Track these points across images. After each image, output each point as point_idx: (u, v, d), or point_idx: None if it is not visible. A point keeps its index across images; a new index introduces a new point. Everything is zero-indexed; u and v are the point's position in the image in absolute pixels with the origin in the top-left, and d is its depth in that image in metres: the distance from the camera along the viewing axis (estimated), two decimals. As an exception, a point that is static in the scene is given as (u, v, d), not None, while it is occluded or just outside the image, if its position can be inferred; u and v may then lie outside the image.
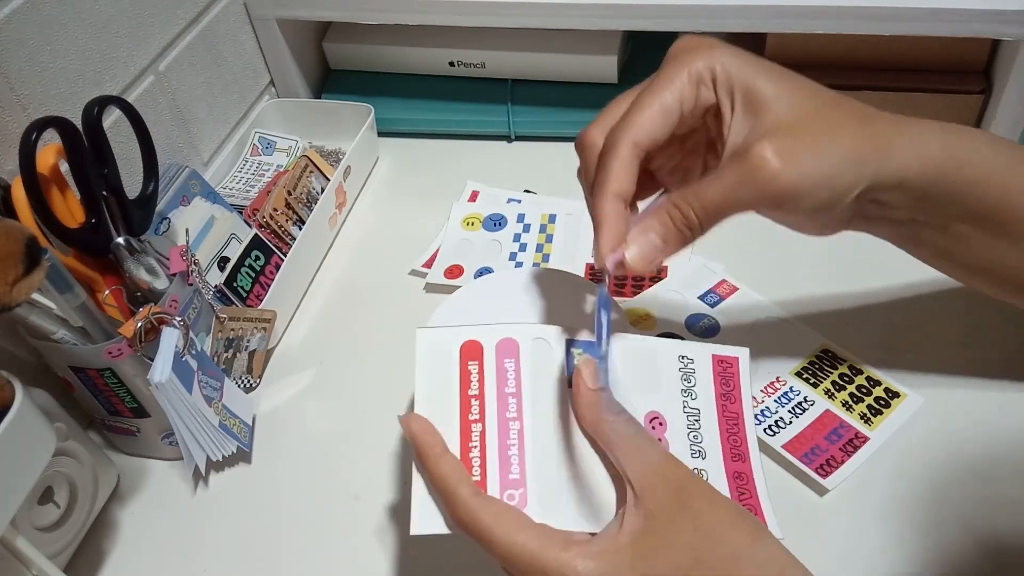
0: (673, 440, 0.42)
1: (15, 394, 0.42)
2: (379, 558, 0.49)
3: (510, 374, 0.42)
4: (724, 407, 0.44)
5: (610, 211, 0.38)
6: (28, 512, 0.45)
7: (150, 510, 0.54)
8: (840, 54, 0.67)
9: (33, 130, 0.46)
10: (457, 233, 0.67)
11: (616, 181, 0.38)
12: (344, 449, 0.55)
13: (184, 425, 0.51)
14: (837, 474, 0.48)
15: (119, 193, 0.51)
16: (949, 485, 0.48)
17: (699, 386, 0.44)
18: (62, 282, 0.46)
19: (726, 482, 0.41)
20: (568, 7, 0.65)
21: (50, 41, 0.53)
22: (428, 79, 0.78)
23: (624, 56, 0.75)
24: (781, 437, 0.50)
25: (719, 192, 0.37)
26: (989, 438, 0.50)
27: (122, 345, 0.49)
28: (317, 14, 0.72)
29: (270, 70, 0.77)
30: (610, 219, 0.38)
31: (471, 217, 0.69)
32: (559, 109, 0.75)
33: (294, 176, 0.68)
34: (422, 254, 0.67)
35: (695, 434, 0.42)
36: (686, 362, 0.44)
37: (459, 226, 0.68)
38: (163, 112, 0.64)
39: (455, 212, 0.69)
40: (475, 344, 0.43)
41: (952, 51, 0.65)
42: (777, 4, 0.62)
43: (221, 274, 0.61)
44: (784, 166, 0.36)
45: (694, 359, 0.44)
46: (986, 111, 0.66)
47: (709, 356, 0.44)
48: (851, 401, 0.52)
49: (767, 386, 0.53)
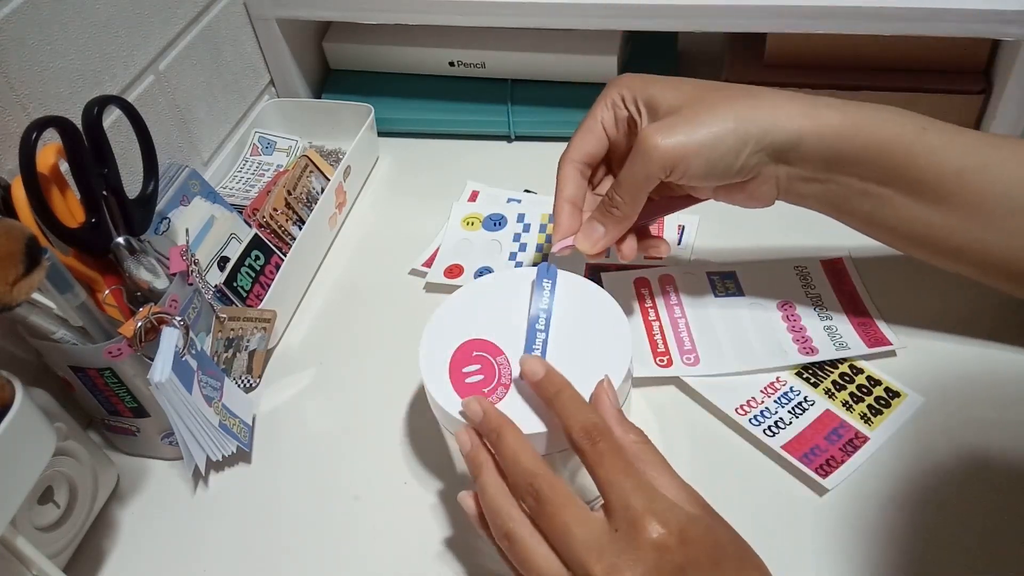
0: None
1: (15, 394, 0.42)
2: (379, 558, 0.49)
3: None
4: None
5: (560, 212, 0.50)
6: (28, 512, 0.45)
7: (150, 510, 0.54)
8: (840, 54, 0.67)
9: (33, 130, 0.46)
10: (457, 233, 0.67)
11: (564, 189, 0.50)
12: (344, 449, 0.55)
13: (184, 425, 0.51)
14: (837, 474, 0.48)
15: (119, 193, 0.51)
16: (949, 485, 0.48)
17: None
18: (62, 282, 0.46)
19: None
20: (568, 7, 0.65)
21: (50, 41, 0.53)
22: (428, 79, 0.78)
23: (624, 56, 0.75)
24: (780, 438, 0.50)
25: (626, 174, 0.47)
26: (990, 438, 0.50)
27: (122, 345, 0.49)
28: (317, 14, 0.72)
29: (270, 70, 0.77)
30: (561, 217, 0.50)
31: (471, 217, 0.69)
32: (559, 109, 0.75)
33: (294, 176, 0.68)
34: (422, 254, 0.67)
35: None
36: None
37: (459, 226, 0.68)
38: (163, 112, 0.64)
39: (455, 212, 0.69)
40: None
41: (952, 51, 0.65)
42: (777, 4, 0.62)
43: (221, 274, 0.61)
44: (664, 137, 0.45)
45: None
46: (986, 111, 0.66)
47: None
48: (851, 401, 0.52)
49: (767, 386, 0.53)
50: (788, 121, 0.45)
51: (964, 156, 0.44)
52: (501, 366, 0.45)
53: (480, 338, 0.47)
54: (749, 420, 0.51)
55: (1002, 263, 0.46)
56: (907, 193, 0.46)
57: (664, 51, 0.78)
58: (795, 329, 0.56)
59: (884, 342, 0.54)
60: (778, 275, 0.60)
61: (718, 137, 0.45)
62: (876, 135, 0.45)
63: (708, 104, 0.46)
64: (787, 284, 0.59)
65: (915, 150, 0.45)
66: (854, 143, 0.45)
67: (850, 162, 0.46)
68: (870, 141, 0.45)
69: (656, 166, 0.45)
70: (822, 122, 0.45)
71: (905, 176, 0.45)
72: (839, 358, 0.54)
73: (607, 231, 0.49)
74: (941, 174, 0.44)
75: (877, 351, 0.54)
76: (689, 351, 0.55)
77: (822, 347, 0.54)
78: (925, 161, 0.45)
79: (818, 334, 0.55)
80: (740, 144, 0.45)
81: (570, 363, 0.44)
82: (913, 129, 0.45)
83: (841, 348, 0.54)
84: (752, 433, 0.51)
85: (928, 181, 0.45)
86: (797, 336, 0.55)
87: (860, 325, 0.56)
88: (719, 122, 0.45)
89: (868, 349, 0.54)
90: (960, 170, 0.44)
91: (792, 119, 0.45)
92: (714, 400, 0.53)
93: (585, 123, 0.51)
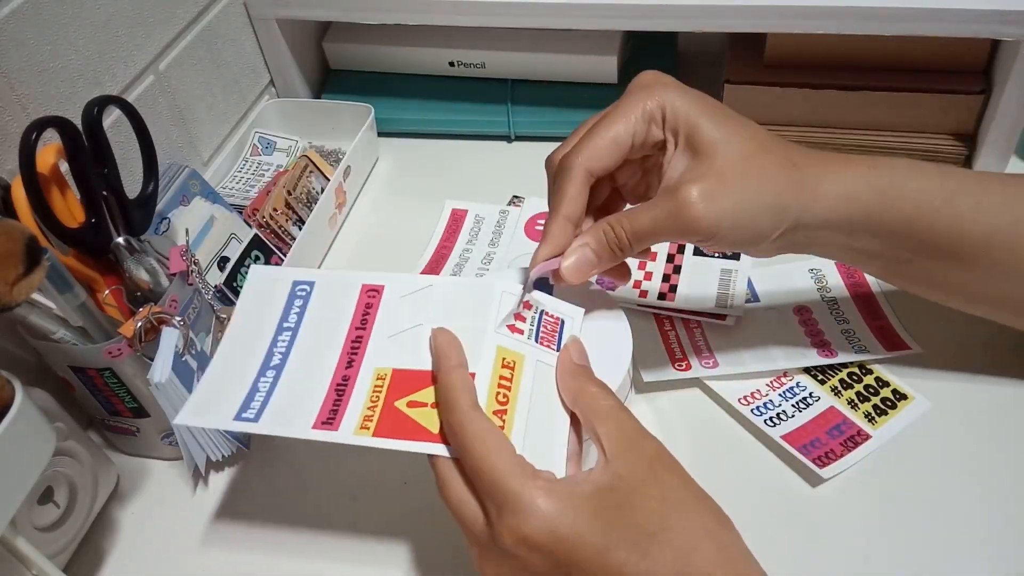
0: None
1: (15, 394, 0.42)
2: (378, 558, 0.49)
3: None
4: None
5: (555, 230, 0.43)
6: (28, 512, 0.45)
7: (150, 510, 0.54)
8: (840, 54, 0.67)
9: (33, 130, 0.46)
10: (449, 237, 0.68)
11: (568, 205, 0.43)
12: (343, 449, 0.55)
13: (184, 425, 0.50)
14: (835, 466, 0.48)
15: (119, 193, 0.51)
16: (947, 489, 0.48)
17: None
18: (62, 282, 0.46)
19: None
20: (568, 7, 0.65)
21: (50, 41, 0.53)
22: (428, 79, 0.78)
23: (624, 56, 0.75)
24: (781, 428, 0.50)
25: (647, 221, 0.42)
26: (994, 447, 0.50)
27: (122, 345, 0.49)
28: (317, 14, 0.72)
29: (270, 70, 0.77)
30: (553, 236, 0.43)
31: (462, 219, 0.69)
32: (559, 109, 0.75)
33: (294, 176, 0.68)
34: (422, 255, 0.67)
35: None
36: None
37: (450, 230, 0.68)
38: (163, 112, 0.64)
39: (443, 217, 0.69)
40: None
41: (952, 51, 0.65)
42: (777, 4, 0.62)
43: (221, 274, 0.61)
44: (707, 208, 0.40)
45: None
46: (986, 111, 0.66)
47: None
48: (857, 400, 0.52)
49: (773, 380, 0.53)
50: (824, 201, 0.43)
51: (995, 216, 0.43)
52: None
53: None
54: (752, 410, 0.52)
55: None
56: (935, 259, 0.44)
57: (664, 51, 0.78)
58: (812, 333, 0.56)
59: (903, 346, 0.54)
60: (793, 278, 0.60)
61: (758, 216, 0.42)
62: (901, 206, 0.43)
63: (754, 172, 0.41)
64: (802, 287, 0.59)
65: (942, 220, 0.43)
66: (883, 217, 0.43)
67: (882, 235, 0.44)
68: (897, 213, 0.43)
69: (690, 232, 0.41)
70: (852, 203, 0.43)
71: (930, 245, 0.44)
72: (858, 361, 0.54)
73: (599, 264, 0.44)
74: (969, 240, 0.43)
75: (896, 355, 0.53)
76: (707, 356, 0.55)
77: (840, 350, 0.54)
78: (952, 230, 0.43)
79: (836, 337, 0.55)
80: (774, 226, 0.42)
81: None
82: (942, 197, 0.43)
83: (860, 351, 0.54)
84: (753, 423, 0.51)
85: (955, 250, 0.44)
86: (815, 340, 0.55)
87: (878, 328, 0.55)
88: (759, 200, 0.41)
89: (887, 352, 0.54)
90: (991, 231, 0.43)
91: (828, 199, 0.43)
92: (718, 389, 0.53)
93: (611, 127, 0.43)
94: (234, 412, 0.42)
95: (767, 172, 0.42)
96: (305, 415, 0.41)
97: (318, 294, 0.47)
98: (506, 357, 0.42)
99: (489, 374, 0.41)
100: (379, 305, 0.45)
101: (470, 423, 0.37)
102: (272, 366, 0.44)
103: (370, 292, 0.46)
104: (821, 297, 0.58)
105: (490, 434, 0.37)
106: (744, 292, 0.59)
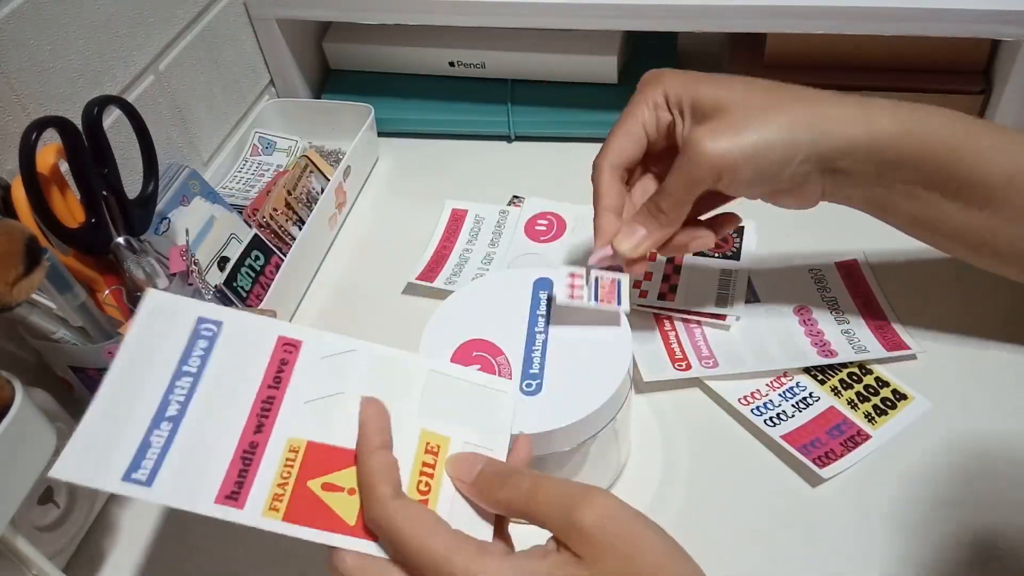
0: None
1: (15, 394, 0.42)
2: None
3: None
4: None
5: (600, 222, 0.48)
6: (28, 512, 0.45)
7: (150, 510, 0.54)
8: (840, 54, 0.67)
9: (33, 130, 0.46)
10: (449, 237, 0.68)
11: (606, 197, 0.48)
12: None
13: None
14: (835, 466, 0.48)
15: (119, 193, 0.51)
16: (947, 489, 0.48)
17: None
18: (62, 282, 0.46)
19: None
20: (568, 7, 0.65)
21: (50, 41, 0.53)
22: (428, 79, 0.78)
23: (624, 56, 0.75)
24: (781, 428, 0.50)
25: (672, 180, 0.45)
26: (993, 449, 0.50)
27: (122, 345, 0.49)
28: (317, 14, 0.72)
29: (270, 70, 0.77)
30: (600, 228, 0.48)
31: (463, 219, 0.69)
32: (559, 109, 0.75)
33: (294, 176, 0.68)
34: (422, 255, 0.67)
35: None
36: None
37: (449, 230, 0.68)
38: (163, 112, 0.64)
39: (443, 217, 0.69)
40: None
41: (952, 51, 0.65)
42: (777, 4, 0.62)
43: (221, 274, 0.61)
44: (715, 143, 0.43)
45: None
46: (986, 111, 0.66)
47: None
48: (857, 400, 0.52)
49: (773, 380, 0.53)
50: (840, 129, 0.44)
51: (1015, 159, 0.44)
52: (501, 366, 0.45)
53: (480, 338, 0.47)
54: (752, 410, 0.52)
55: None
56: (953, 197, 0.45)
57: (664, 51, 0.78)
58: (812, 333, 0.56)
59: (902, 346, 0.54)
60: (793, 278, 0.60)
61: (768, 145, 0.43)
62: (927, 141, 0.44)
63: (758, 108, 0.44)
64: (802, 287, 0.59)
65: (963, 155, 0.44)
66: (905, 151, 0.44)
67: (899, 167, 0.45)
68: (921, 147, 0.44)
69: (705, 173, 0.44)
70: (875, 129, 0.44)
71: (951, 180, 0.44)
72: (858, 361, 0.54)
73: (649, 234, 0.47)
74: (989, 178, 0.44)
75: (895, 355, 0.53)
76: (707, 356, 0.55)
77: (840, 350, 0.54)
78: (973, 166, 0.44)
79: (836, 337, 0.55)
80: (790, 153, 0.44)
81: (570, 363, 0.44)
82: (964, 133, 0.44)
83: (860, 351, 0.54)
84: (753, 423, 0.51)
85: (975, 185, 0.44)
86: (815, 340, 0.55)
87: (877, 328, 0.55)
88: (770, 128, 0.43)
89: (887, 352, 0.54)
90: (1011, 174, 0.43)
91: (844, 126, 0.44)
92: (718, 389, 0.53)
93: (624, 124, 0.48)
94: (122, 470, 0.35)
95: (773, 106, 0.44)
96: (207, 486, 0.36)
97: (226, 338, 0.40)
98: (430, 441, 0.39)
99: (412, 460, 0.38)
100: (295, 363, 0.40)
101: (396, 511, 0.34)
102: (168, 416, 0.37)
103: (286, 346, 0.40)
104: (821, 297, 0.58)
105: (422, 515, 0.35)
106: (744, 292, 0.59)
